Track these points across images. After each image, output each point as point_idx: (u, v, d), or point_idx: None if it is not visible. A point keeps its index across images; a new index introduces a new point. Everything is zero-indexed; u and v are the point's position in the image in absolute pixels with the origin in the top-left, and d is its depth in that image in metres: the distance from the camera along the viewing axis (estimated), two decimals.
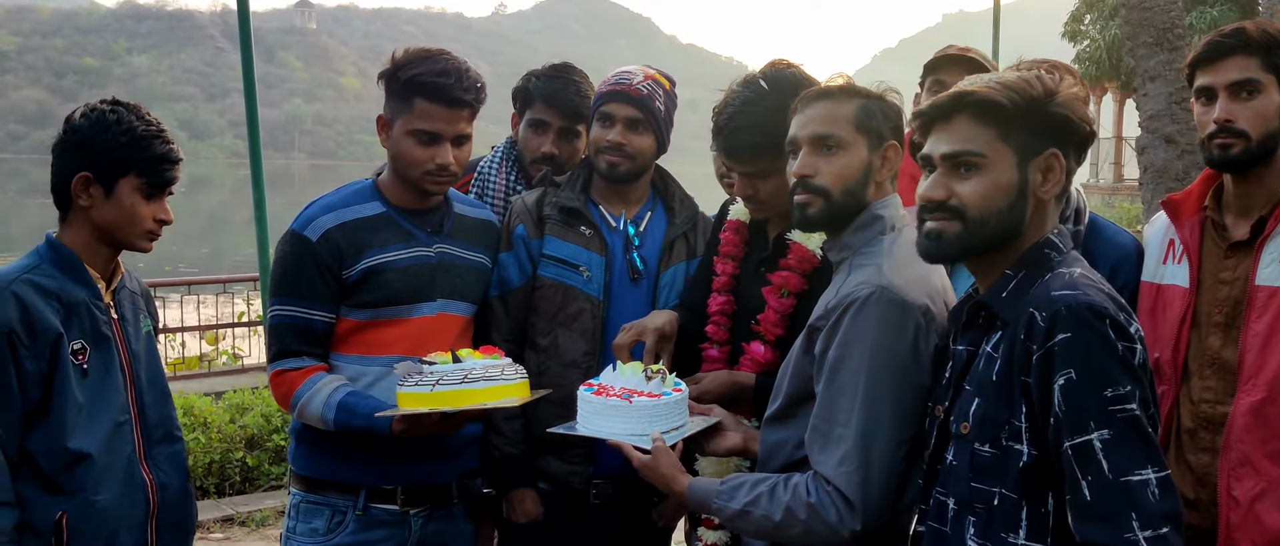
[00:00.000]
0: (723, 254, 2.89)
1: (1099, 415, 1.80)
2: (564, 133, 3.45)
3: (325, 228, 2.85)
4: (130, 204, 2.60)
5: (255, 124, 7.73)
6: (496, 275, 3.12)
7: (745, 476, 2.33)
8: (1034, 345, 1.85)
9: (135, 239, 2.64)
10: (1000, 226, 1.97)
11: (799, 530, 2.19)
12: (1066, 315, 1.82)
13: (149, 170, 2.59)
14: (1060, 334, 1.82)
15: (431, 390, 2.57)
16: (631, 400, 2.44)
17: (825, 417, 2.19)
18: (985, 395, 1.94)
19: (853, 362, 2.16)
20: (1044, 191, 1.98)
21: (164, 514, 2.71)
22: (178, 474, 2.77)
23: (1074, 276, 1.92)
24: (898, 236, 2.33)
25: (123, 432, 2.62)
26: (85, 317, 2.58)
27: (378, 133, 2.94)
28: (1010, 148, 1.96)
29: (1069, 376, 1.81)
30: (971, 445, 1.94)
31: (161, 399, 2.77)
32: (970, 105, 1.97)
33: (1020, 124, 1.96)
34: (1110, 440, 1.79)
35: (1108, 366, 1.81)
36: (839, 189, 2.32)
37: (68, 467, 2.52)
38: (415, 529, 2.97)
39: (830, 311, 2.23)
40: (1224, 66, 2.62)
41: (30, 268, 2.57)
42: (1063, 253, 2.00)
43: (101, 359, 2.60)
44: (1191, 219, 2.76)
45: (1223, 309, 2.64)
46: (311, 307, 2.85)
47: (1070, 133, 1.98)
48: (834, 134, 2.32)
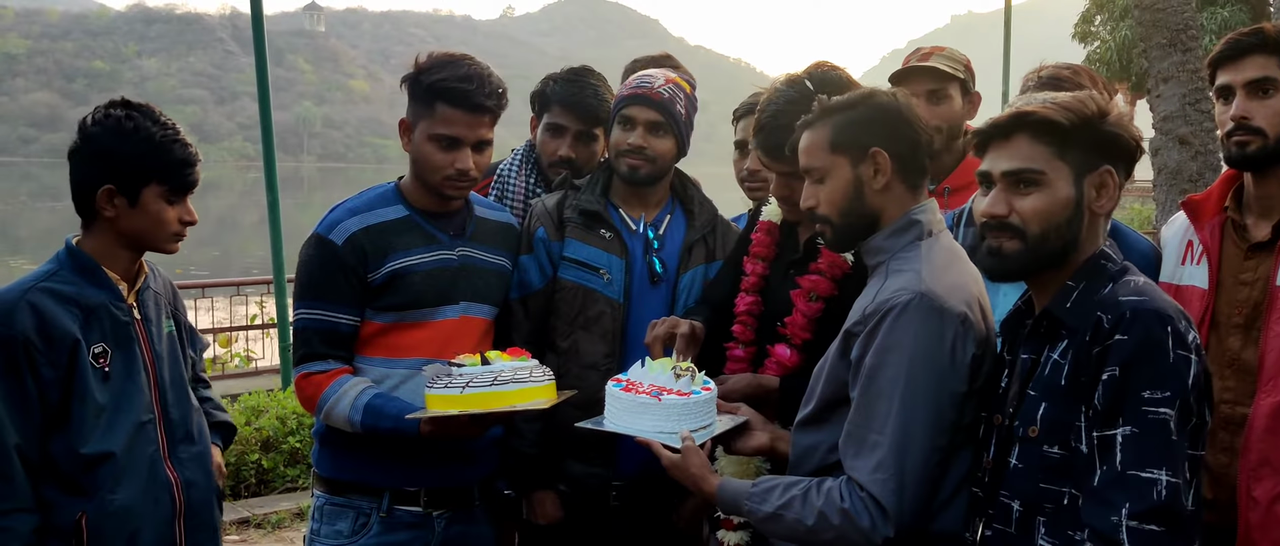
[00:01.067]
0: (753, 254, 2.90)
1: (1130, 412, 1.87)
2: (581, 136, 3.47)
3: (350, 231, 2.87)
4: (156, 210, 2.61)
5: (269, 129, 7.77)
6: (517, 278, 3.14)
7: (777, 478, 2.34)
8: (1096, 346, 1.93)
9: (163, 243, 2.67)
10: (1059, 241, 2.05)
11: (832, 535, 2.20)
12: (1130, 318, 1.90)
13: (171, 176, 2.61)
14: (1120, 335, 1.90)
15: (461, 392, 2.59)
16: (661, 398, 2.44)
17: (861, 423, 2.20)
18: (1052, 399, 1.99)
19: (890, 369, 2.16)
20: (1099, 206, 2.06)
21: (191, 513, 2.72)
22: (202, 473, 2.79)
23: (1140, 284, 2.00)
24: (935, 242, 2.33)
25: (146, 432, 2.64)
26: (106, 319, 2.60)
27: (400, 136, 2.96)
28: (1067, 164, 2.04)
29: (1113, 372, 1.89)
30: (1040, 447, 2.00)
31: (183, 398, 2.78)
32: (1030, 125, 2.05)
33: (1076, 142, 2.03)
34: (1132, 436, 1.87)
35: (1154, 369, 1.87)
36: (835, 214, 2.36)
37: (89, 468, 2.54)
38: (438, 530, 2.99)
39: (868, 317, 2.23)
40: (1243, 65, 2.65)
41: (48, 274, 2.58)
42: (1117, 263, 2.08)
43: (124, 360, 2.62)
44: (1212, 220, 2.76)
45: (1243, 310, 2.64)
46: (337, 311, 2.87)
47: (1121, 149, 2.06)
48: (814, 166, 2.37)
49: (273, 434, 6.90)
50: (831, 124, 2.34)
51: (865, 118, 2.33)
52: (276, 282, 8.14)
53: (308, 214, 41.93)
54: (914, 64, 3.52)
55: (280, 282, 8.03)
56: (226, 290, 10.80)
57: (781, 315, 2.74)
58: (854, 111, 2.34)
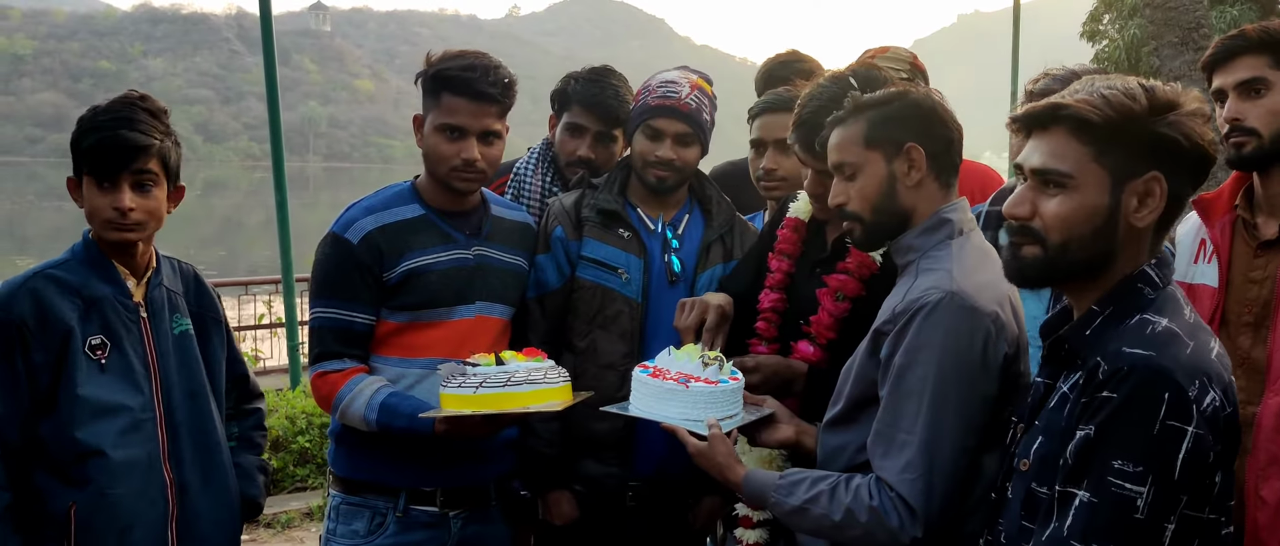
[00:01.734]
0: (779, 251, 2.87)
1: (1094, 478, 1.67)
2: (601, 137, 3.46)
3: (366, 230, 2.87)
4: (89, 198, 2.59)
5: (277, 129, 7.77)
6: (534, 277, 3.13)
7: (805, 472, 2.33)
8: (1086, 396, 1.73)
9: (102, 231, 2.61)
10: (1084, 253, 1.81)
11: (858, 532, 2.19)
12: (1126, 375, 1.68)
13: (92, 162, 2.57)
14: (1108, 391, 1.68)
15: (475, 392, 2.58)
16: (688, 385, 2.43)
17: (890, 422, 2.18)
18: (1049, 435, 1.82)
19: (920, 368, 2.15)
20: (1138, 218, 1.79)
21: (184, 516, 2.68)
22: (201, 478, 2.73)
23: (1158, 330, 1.74)
24: (966, 241, 2.31)
25: (143, 430, 2.62)
26: (108, 312, 2.60)
27: (414, 133, 2.96)
28: (1103, 169, 1.78)
29: (1089, 432, 1.69)
30: (1029, 482, 1.84)
31: (193, 399, 2.73)
32: (1065, 119, 1.80)
33: (1116, 143, 1.77)
34: (1088, 504, 1.68)
35: (1133, 439, 1.65)
36: (867, 211, 2.34)
37: (79, 460, 2.53)
38: (454, 530, 2.98)
39: (898, 315, 2.21)
40: (1232, 67, 2.65)
41: (58, 263, 2.61)
42: (1158, 289, 1.82)
43: (123, 355, 2.60)
44: (1222, 218, 2.75)
45: (1252, 309, 2.63)
46: (353, 309, 2.86)
47: (1174, 153, 1.77)
48: (847, 161, 2.34)
49: (282, 433, 6.89)
50: (866, 119, 2.32)
51: (900, 114, 2.32)
52: (285, 282, 8.14)
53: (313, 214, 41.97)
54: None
55: (289, 282, 8.04)
56: (235, 289, 10.83)
57: (806, 313, 2.72)
58: (889, 107, 2.32)
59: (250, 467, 2.94)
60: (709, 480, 2.76)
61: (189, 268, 2.88)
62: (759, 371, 2.66)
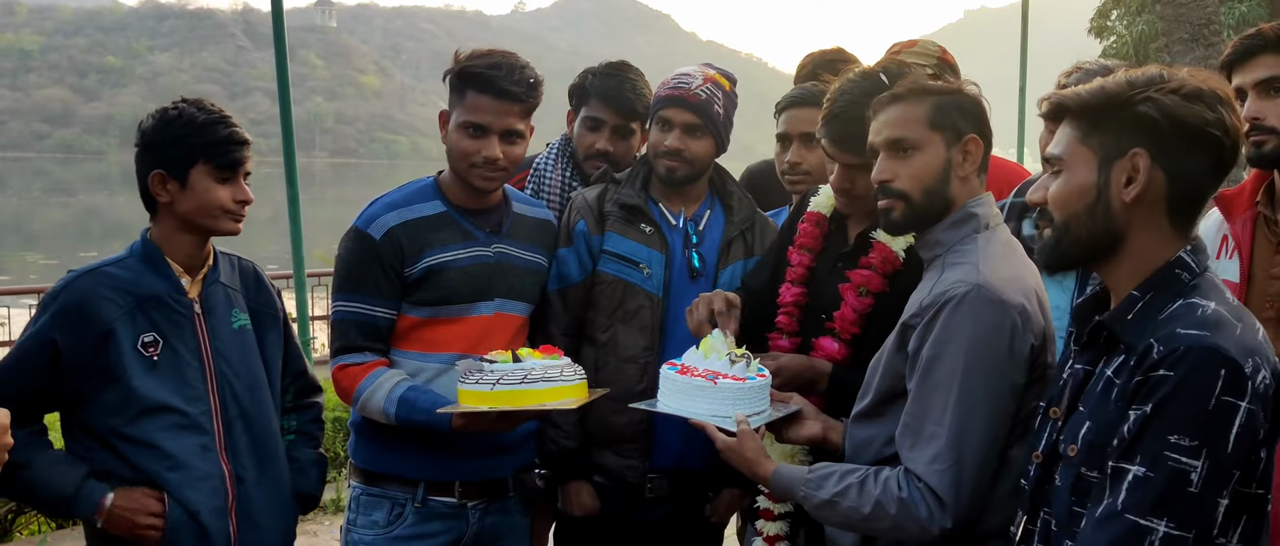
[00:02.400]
0: (800, 245, 2.88)
1: (1151, 454, 1.73)
2: (619, 131, 3.48)
3: (388, 226, 2.89)
4: (204, 189, 2.67)
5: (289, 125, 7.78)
6: (556, 270, 3.15)
7: (834, 466, 2.34)
8: (1139, 375, 1.78)
9: (218, 222, 2.71)
10: (1085, 231, 1.90)
11: (887, 524, 2.20)
12: (1182, 354, 1.74)
13: (215, 154, 2.66)
14: (1165, 369, 1.74)
15: (491, 389, 2.60)
16: (716, 382, 2.45)
17: (918, 414, 2.20)
18: (1097, 420, 1.86)
19: (947, 361, 2.16)
20: (1127, 193, 1.85)
21: (242, 507, 2.74)
22: (257, 468, 2.78)
23: (1208, 313, 1.80)
24: (992, 235, 2.32)
25: (198, 423, 2.67)
26: (160, 311, 2.66)
27: (440, 129, 2.99)
28: (1089, 149, 1.89)
29: (1145, 410, 1.75)
30: (1078, 468, 1.88)
31: (250, 392, 2.79)
32: (1063, 108, 1.94)
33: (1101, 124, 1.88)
34: (1143, 478, 1.74)
35: (1188, 414, 1.72)
36: (918, 190, 2.32)
37: (139, 451, 2.61)
38: (473, 521, 3.00)
39: (925, 309, 2.23)
40: (1252, 65, 2.65)
41: (117, 261, 2.69)
42: (1195, 274, 1.87)
43: (176, 351, 2.66)
44: (1243, 214, 2.76)
45: (1274, 304, 2.64)
46: (374, 304, 2.89)
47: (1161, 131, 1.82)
48: (907, 136, 2.32)
49: None
50: (931, 102, 2.32)
51: (963, 105, 2.33)
52: (296, 278, 8.15)
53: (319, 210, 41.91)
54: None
55: (300, 278, 8.05)
56: None
57: (827, 308, 2.73)
58: (953, 97, 2.33)
59: (306, 461, 3.00)
60: (727, 473, 2.78)
61: (249, 264, 2.94)
62: (781, 373, 2.67)
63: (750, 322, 2.85)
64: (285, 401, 2.99)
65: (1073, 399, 1.97)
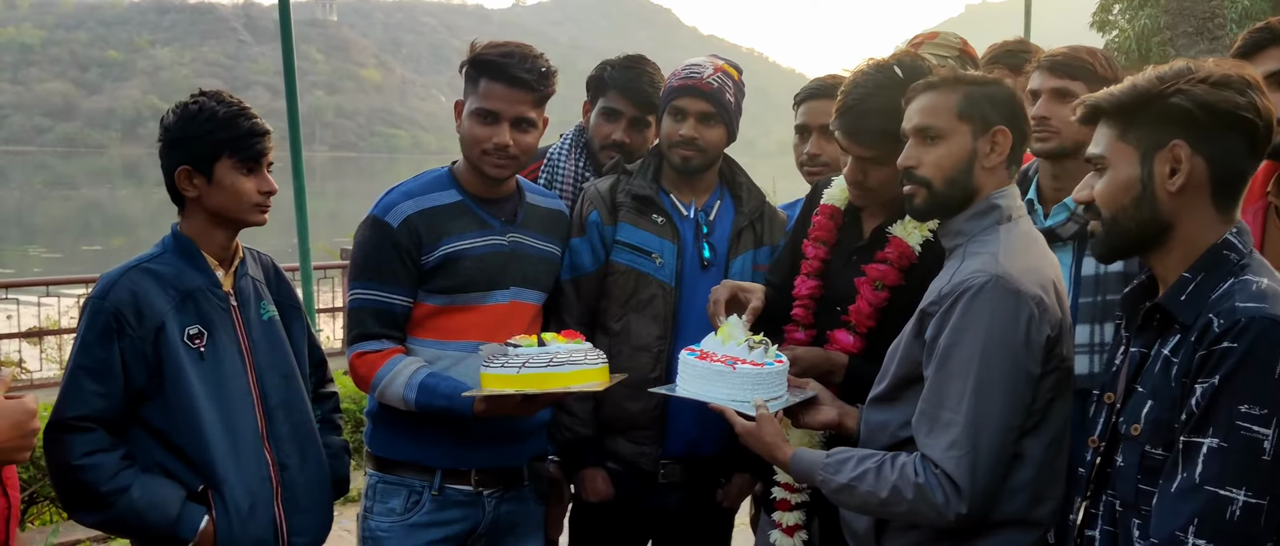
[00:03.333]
0: (814, 238, 2.90)
1: (1223, 425, 1.80)
2: (635, 122, 3.52)
3: (406, 214, 2.93)
4: (231, 183, 2.69)
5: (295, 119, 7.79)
6: (569, 260, 3.18)
7: (851, 451, 2.38)
8: (1202, 350, 1.85)
9: (246, 214, 2.73)
10: (1133, 223, 1.98)
11: (904, 509, 2.24)
12: (1244, 325, 1.81)
13: (239, 147, 2.68)
14: (1229, 341, 1.81)
15: (517, 372, 2.63)
16: (735, 367, 2.49)
17: (935, 401, 2.24)
18: (1159, 398, 1.93)
19: (965, 349, 2.20)
20: (1172, 183, 1.94)
21: (287, 493, 2.77)
22: (298, 455, 2.81)
23: (1263, 287, 1.88)
24: (1015, 226, 2.35)
25: (245, 413, 2.71)
26: (202, 303, 2.68)
27: (455, 119, 3.02)
28: (1129, 146, 1.97)
29: (1213, 382, 1.82)
30: (1142, 447, 1.95)
31: (285, 381, 2.82)
32: (1098, 109, 2.02)
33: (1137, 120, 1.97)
34: (1219, 449, 1.80)
35: (1257, 383, 1.79)
36: (940, 179, 2.36)
37: (201, 443, 2.63)
38: (489, 509, 3.04)
39: (944, 297, 2.26)
40: (1259, 60, 2.68)
41: (153, 257, 2.70)
42: (1243, 254, 1.95)
43: (220, 342, 2.69)
44: (1254, 205, 2.79)
45: None
46: (391, 292, 2.92)
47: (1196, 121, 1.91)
48: (934, 125, 2.36)
49: None
50: (963, 92, 2.36)
51: (996, 96, 2.37)
52: (303, 270, 8.17)
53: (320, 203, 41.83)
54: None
55: (306, 270, 8.07)
56: None
57: (842, 301, 2.76)
58: (985, 88, 2.37)
59: (336, 448, 3.04)
60: (740, 458, 2.82)
61: (267, 258, 2.97)
62: (797, 364, 2.70)
63: (772, 316, 2.87)
64: None
65: (1130, 381, 2.03)
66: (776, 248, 3.22)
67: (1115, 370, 2.10)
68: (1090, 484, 2.09)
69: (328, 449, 2.97)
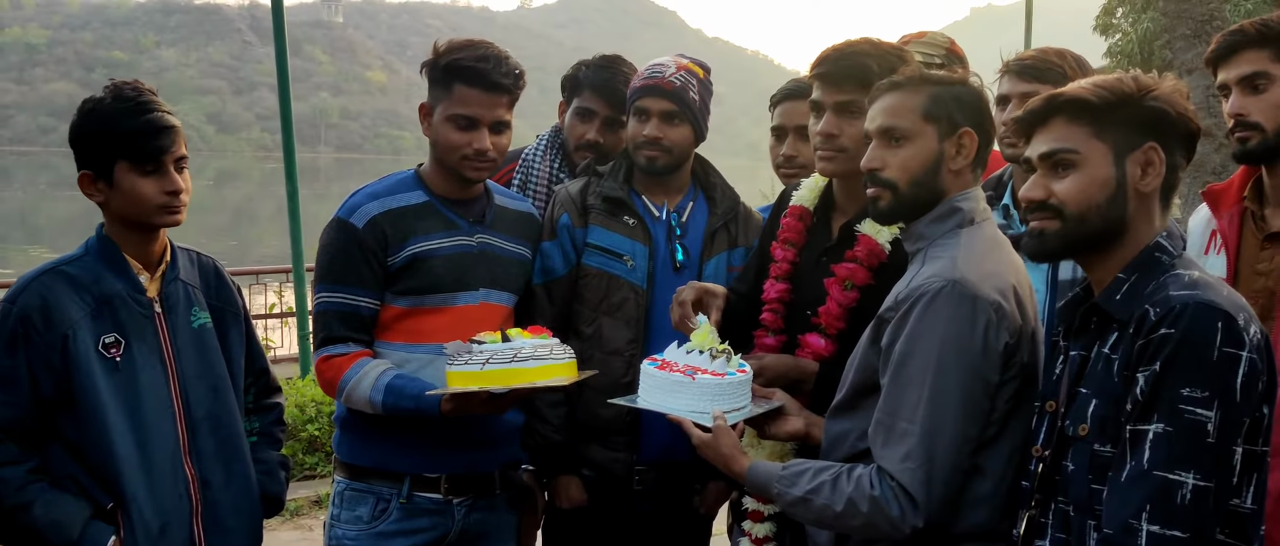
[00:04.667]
0: (783, 240, 2.84)
1: (1166, 409, 1.82)
2: (610, 122, 3.48)
3: (371, 215, 2.88)
4: (130, 186, 2.55)
5: (288, 119, 7.80)
6: (540, 263, 3.14)
7: (808, 463, 2.32)
8: (1141, 340, 1.87)
9: (153, 217, 2.59)
10: (1100, 221, 1.99)
11: (860, 521, 2.18)
12: (1180, 310, 1.84)
13: (134, 149, 2.53)
14: (1166, 328, 1.84)
15: (481, 368, 2.58)
16: (695, 377, 2.43)
17: (890, 411, 2.18)
18: (1103, 396, 1.94)
19: (920, 357, 2.14)
20: (1144, 185, 1.99)
21: (208, 511, 2.67)
22: (223, 472, 2.71)
23: (1194, 278, 1.93)
24: (977, 230, 2.30)
25: (162, 427, 2.60)
26: (120, 310, 2.57)
27: (420, 121, 2.96)
28: (1105, 144, 1.99)
29: (1154, 369, 1.83)
30: (1091, 447, 1.94)
31: (214, 393, 2.72)
32: (1062, 106, 2.01)
33: (1114, 120, 1.98)
34: (1164, 434, 1.81)
35: (1196, 366, 1.81)
36: (905, 181, 2.31)
37: (109, 458, 2.52)
38: (459, 518, 2.98)
39: (900, 303, 2.21)
40: (1235, 61, 2.65)
41: (72, 259, 2.59)
42: (1173, 255, 2.00)
43: (139, 352, 2.58)
44: (1230, 209, 2.76)
45: (1258, 300, 2.62)
46: (357, 294, 2.87)
47: (1167, 125, 1.98)
48: (899, 125, 2.30)
49: (291, 421, 6.92)
50: (929, 93, 2.31)
51: (963, 97, 2.32)
52: (295, 271, 8.18)
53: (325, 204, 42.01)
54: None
55: (299, 271, 8.07)
56: (245, 279, 10.85)
57: (812, 304, 2.70)
58: (952, 88, 2.32)
59: (272, 463, 2.93)
60: None
61: (209, 260, 2.86)
62: (764, 373, 2.64)
63: (740, 324, 2.83)
64: (247, 402, 2.91)
65: (1072, 385, 2.02)
66: (752, 249, 3.16)
67: (1056, 378, 2.08)
68: (1035, 494, 2.06)
69: (263, 464, 2.87)
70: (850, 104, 2.57)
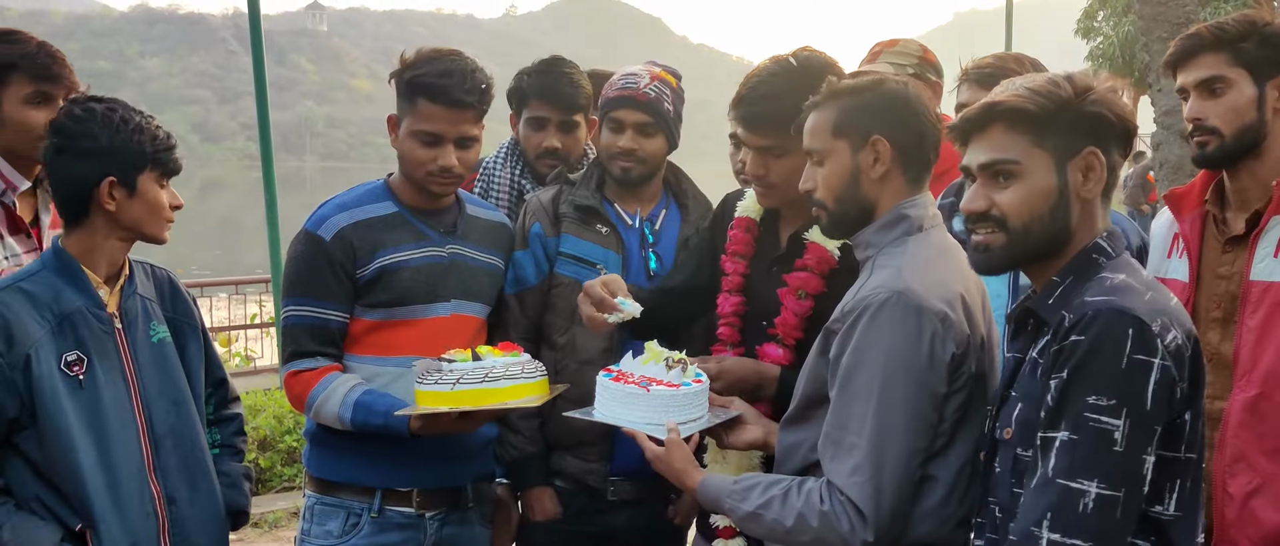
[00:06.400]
0: (732, 253, 2.82)
1: (1073, 417, 1.79)
2: (563, 125, 3.46)
3: (339, 226, 2.84)
4: (153, 196, 2.58)
5: (266, 127, 7.77)
6: (513, 273, 3.11)
7: (759, 477, 2.30)
8: (1056, 345, 1.84)
9: (159, 229, 2.63)
10: (1044, 231, 1.95)
11: (809, 537, 2.15)
12: (1092, 317, 1.81)
13: (163, 161, 2.59)
14: (1077, 335, 1.81)
15: (451, 388, 2.55)
16: (650, 389, 2.41)
17: (838, 425, 2.15)
18: (1028, 399, 1.92)
19: (866, 369, 2.11)
20: (1087, 191, 1.94)
21: (176, 528, 2.64)
22: (188, 487, 2.68)
23: (1116, 282, 1.88)
24: (925, 237, 2.28)
25: (129, 444, 2.57)
26: (81, 327, 2.53)
27: (388, 132, 2.93)
28: (1046, 151, 1.93)
29: (1062, 376, 1.81)
30: (1015, 450, 1.93)
31: (176, 408, 2.68)
32: (1001, 114, 1.95)
33: (1053, 127, 1.93)
34: (1069, 442, 1.80)
35: (1102, 374, 1.78)
36: (831, 199, 2.31)
37: (76, 478, 2.48)
38: (431, 532, 2.94)
39: (846, 314, 2.18)
40: (1192, 65, 2.63)
41: (29, 275, 2.55)
42: (1112, 257, 1.96)
43: (101, 369, 2.54)
44: (1192, 213, 2.75)
45: (1221, 304, 2.62)
46: (326, 307, 2.83)
47: (1106, 128, 1.94)
48: (815, 147, 2.31)
49: (269, 433, 6.88)
50: (837, 107, 2.28)
51: (871, 104, 2.27)
52: (274, 282, 8.12)
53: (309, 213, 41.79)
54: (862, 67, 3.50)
55: (278, 282, 8.02)
56: (226, 289, 10.81)
57: (767, 314, 2.68)
58: (860, 97, 2.28)
59: (235, 475, 2.88)
60: None
61: (164, 273, 2.82)
62: (723, 377, 2.61)
63: (667, 321, 2.81)
64: (207, 413, 2.87)
65: (1006, 387, 2.01)
66: None
67: (1004, 378, 2.08)
68: (979, 495, 2.06)
69: (226, 477, 2.83)
70: (770, 148, 2.57)
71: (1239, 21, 2.59)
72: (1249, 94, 2.57)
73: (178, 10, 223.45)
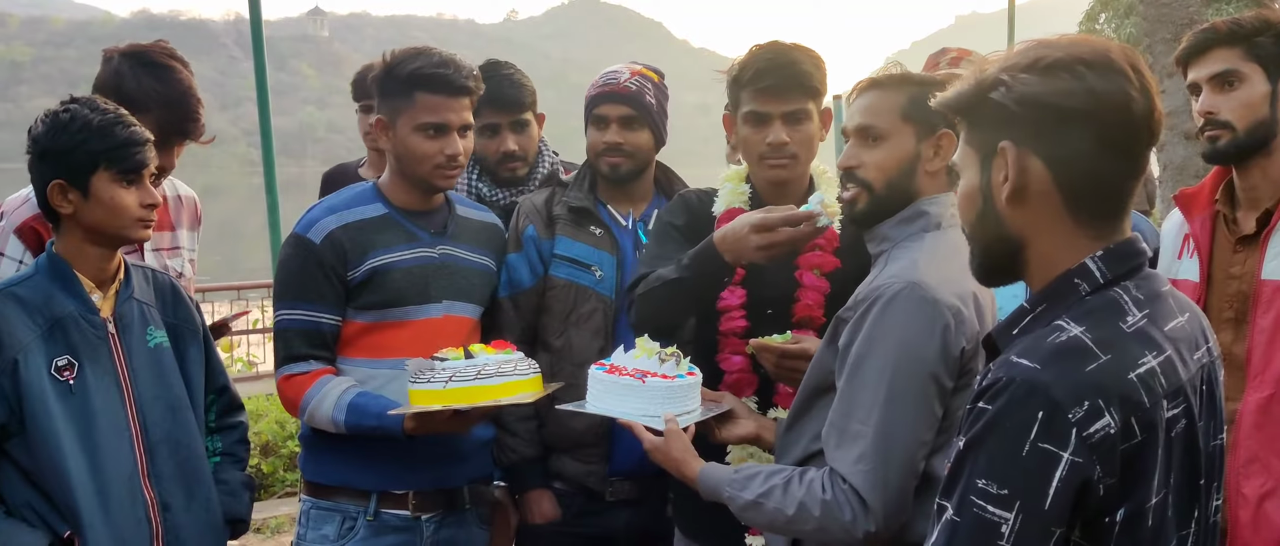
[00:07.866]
0: None
1: (959, 497, 1.48)
2: (515, 126, 3.42)
3: (329, 229, 2.83)
4: (110, 196, 2.50)
5: (268, 132, 7.75)
6: (506, 276, 3.09)
7: (760, 466, 2.29)
8: (969, 403, 1.53)
9: (128, 230, 2.55)
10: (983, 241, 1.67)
11: (812, 526, 2.13)
12: (1003, 387, 1.46)
13: (117, 158, 2.50)
14: (985, 403, 1.48)
15: (444, 387, 2.53)
16: (644, 380, 2.40)
17: (844, 413, 2.13)
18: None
19: (876, 359, 2.09)
20: (1002, 193, 1.58)
21: (170, 536, 2.60)
22: (184, 494, 2.64)
23: (1060, 341, 1.49)
24: (942, 235, 2.25)
25: (121, 450, 2.53)
26: (72, 332, 2.50)
27: (378, 136, 2.91)
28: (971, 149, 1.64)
29: (959, 445, 1.50)
30: (937, 499, 1.76)
31: (172, 414, 2.65)
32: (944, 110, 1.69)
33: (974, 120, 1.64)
34: (952, 523, 1.48)
35: (1000, 459, 1.45)
36: (882, 182, 2.26)
37: (64, 484, 2.45)
38: (427, 535, 2.92)
39: (858, 304, 2.17)
40: (1206, 60, 2.62)
41: (22, 280, 2.52)
42: (1099, 285, 1.56)
43: (93, 374, 2.51)
44: (1202, 213, 2.73)
45: (1233, 304, 2.60)
46: (318, 310, 2.82)
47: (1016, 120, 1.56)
48: (876, 125, 2.26)
49: (272, 438, 6.87)
50: (908, 93, 2.25)
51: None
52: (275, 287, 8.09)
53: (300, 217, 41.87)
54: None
55: None
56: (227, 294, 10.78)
57: (772, 302, 2.67)
58: (932, 90, 2.22)
59: (235, 484, 2.84)
60: None
61: (165, 277, 2.79)
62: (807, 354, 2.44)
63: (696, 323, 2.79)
64: (208, 421, 2.83)
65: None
66: None
67: None
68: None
69: (225, 485, 2.79)
70: (798, 113, 2.60)
71: (1255, 18, 2.58)
72: (1263, 89, 2.56)
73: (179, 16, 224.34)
